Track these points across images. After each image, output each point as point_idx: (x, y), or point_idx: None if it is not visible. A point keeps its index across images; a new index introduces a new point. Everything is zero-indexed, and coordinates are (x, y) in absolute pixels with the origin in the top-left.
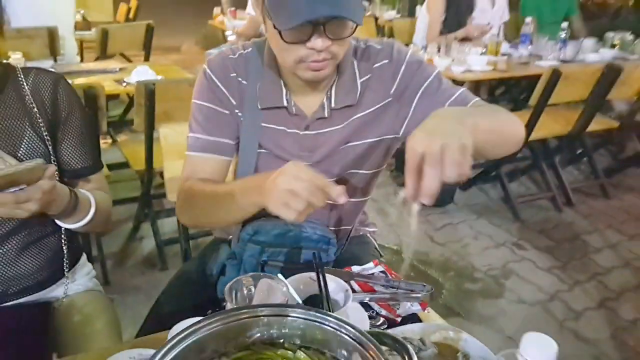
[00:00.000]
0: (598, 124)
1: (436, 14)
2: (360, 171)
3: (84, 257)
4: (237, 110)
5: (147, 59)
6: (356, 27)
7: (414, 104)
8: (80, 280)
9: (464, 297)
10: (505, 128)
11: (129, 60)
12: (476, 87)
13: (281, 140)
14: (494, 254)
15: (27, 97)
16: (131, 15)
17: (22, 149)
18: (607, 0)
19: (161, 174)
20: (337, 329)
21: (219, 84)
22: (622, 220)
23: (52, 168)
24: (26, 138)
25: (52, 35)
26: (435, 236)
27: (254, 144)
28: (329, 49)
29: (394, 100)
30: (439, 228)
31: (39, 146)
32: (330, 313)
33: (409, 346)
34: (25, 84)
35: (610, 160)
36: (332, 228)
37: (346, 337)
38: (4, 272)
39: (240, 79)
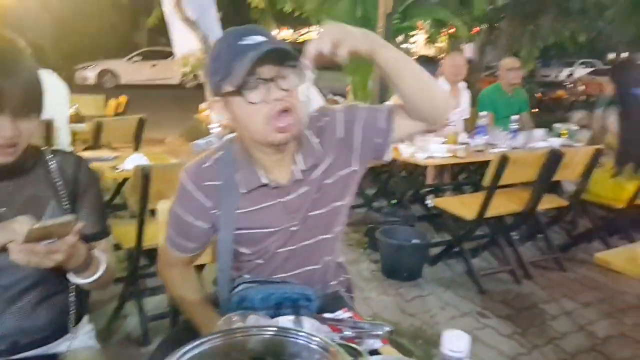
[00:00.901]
0: (549, 202)
1: None
2: (323, 210)
3: (86, 316)
4: (212, 211)
5: (136, 149)
6: (302, 78)
7: (357, 137)
8: (82, 338)
9: None
10: (424, 77)
11: (116, 151)
12: (440, 172)
13: (266, 216)
14: (459, 323)
15: (53, 173)
16: (120, 109)
17: (45, 216)
18: (561, 96)
19: (146, 255)
20: (307, 342)
21: (192, 192)
22: (576, 290)
23: (81, 224)
24: (50, 207)
25: (48, 127)
26: (406, 307)
27: (230, 231)
28: (287, 100)
29: (343, 141)
30: (409, 300)
31: (59, 214)
32: (301, 329)
33: (360, 349)
34: (52, 162)
35: (565, 237)
36: (311, 268)
37: (315, 346)
38: (19, 324)
39: (213, 183)
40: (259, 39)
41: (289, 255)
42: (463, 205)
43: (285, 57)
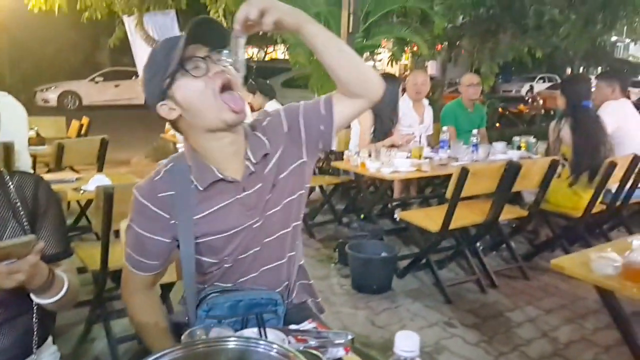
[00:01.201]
0: (509, 213)
1: (366, 125)
2: (279, 207)
3: (50, 338)
4: (171, 221)
5: (100, 169)
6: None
7: (302, 128)
8: (46, 359)
9: None
10: (350, 51)
11: (78, 173)
12: (406, 186)
13: (225, 216)
14: (428, 333)
15: (12, 194)
16: (83, 131)
17: (5, 235)
18: (522, 110)
19: (112, 277)
20: (268, 350)
21: (149, 205)
22: (539, 297)
23: (42, 244)
24: (9, 227)
25: (7, 150)
26: (375, 320)
27: (191, 241)
28: (227, 75)
29: (289, 134)
30: (378, 312)
31: (20, 234)
32: (261, 338)
33: (322, 356)
34: (10, 183)
35: (528, 246)
36: (277, 263)
37: (275, 354)
38: None
39: (168, 194)
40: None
41: (254, 256)
42: (428, 218)
43: (214, 36)
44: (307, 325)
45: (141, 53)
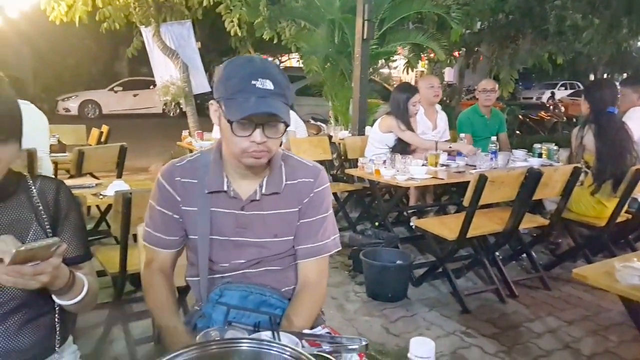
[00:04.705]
0: (529, 222)
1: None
2: (279, 238)
3: (71, 337)
4: (181, 206)
5: (119, 176)
6: (285, 130)
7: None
8: (67, 357)
9: None
10: None
11: (98, 179)
12: (422, 192)
13: (221, 220)
14: (444, 342)
15: (34, 197)
16: (103, 138)
17: (28, 239)
18: (542, 117)
19: (131, 281)
20: (280, 352)
21: (166, 186)
22: (561, 308)
23: (64, 246)
24: (32, 230)
25: (30, 157)
26: (390, 328)
27: (206, 229)
28: (265, 144)
29: (298, 210)
30: (394, 321)
31: (42, 237)
32: (275, 341)
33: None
34: (33, 187)
35: (549, 256)
36: (285, 289)
37: (288, 357)
38: (5, 345)
39: (185, 180)
40: (268, 85)
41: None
42: (444, 226)
43: (282, 111)
44: (321, 330)
45: (158, 63)
